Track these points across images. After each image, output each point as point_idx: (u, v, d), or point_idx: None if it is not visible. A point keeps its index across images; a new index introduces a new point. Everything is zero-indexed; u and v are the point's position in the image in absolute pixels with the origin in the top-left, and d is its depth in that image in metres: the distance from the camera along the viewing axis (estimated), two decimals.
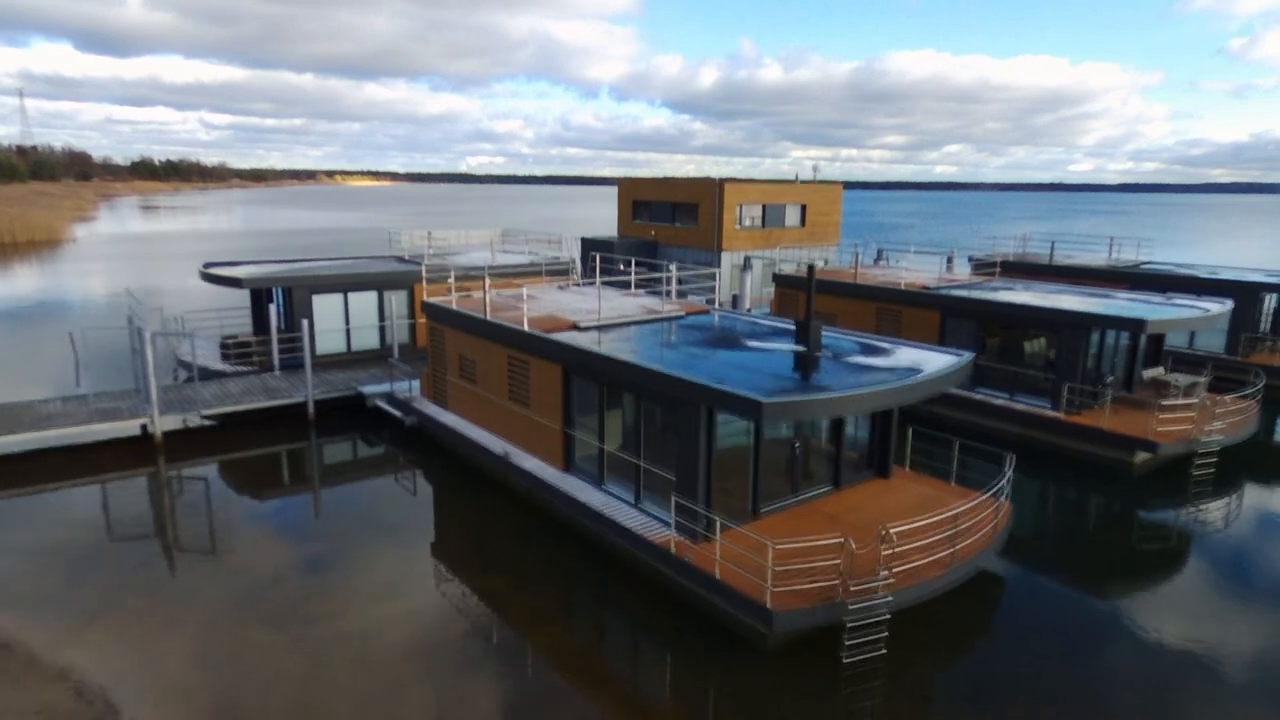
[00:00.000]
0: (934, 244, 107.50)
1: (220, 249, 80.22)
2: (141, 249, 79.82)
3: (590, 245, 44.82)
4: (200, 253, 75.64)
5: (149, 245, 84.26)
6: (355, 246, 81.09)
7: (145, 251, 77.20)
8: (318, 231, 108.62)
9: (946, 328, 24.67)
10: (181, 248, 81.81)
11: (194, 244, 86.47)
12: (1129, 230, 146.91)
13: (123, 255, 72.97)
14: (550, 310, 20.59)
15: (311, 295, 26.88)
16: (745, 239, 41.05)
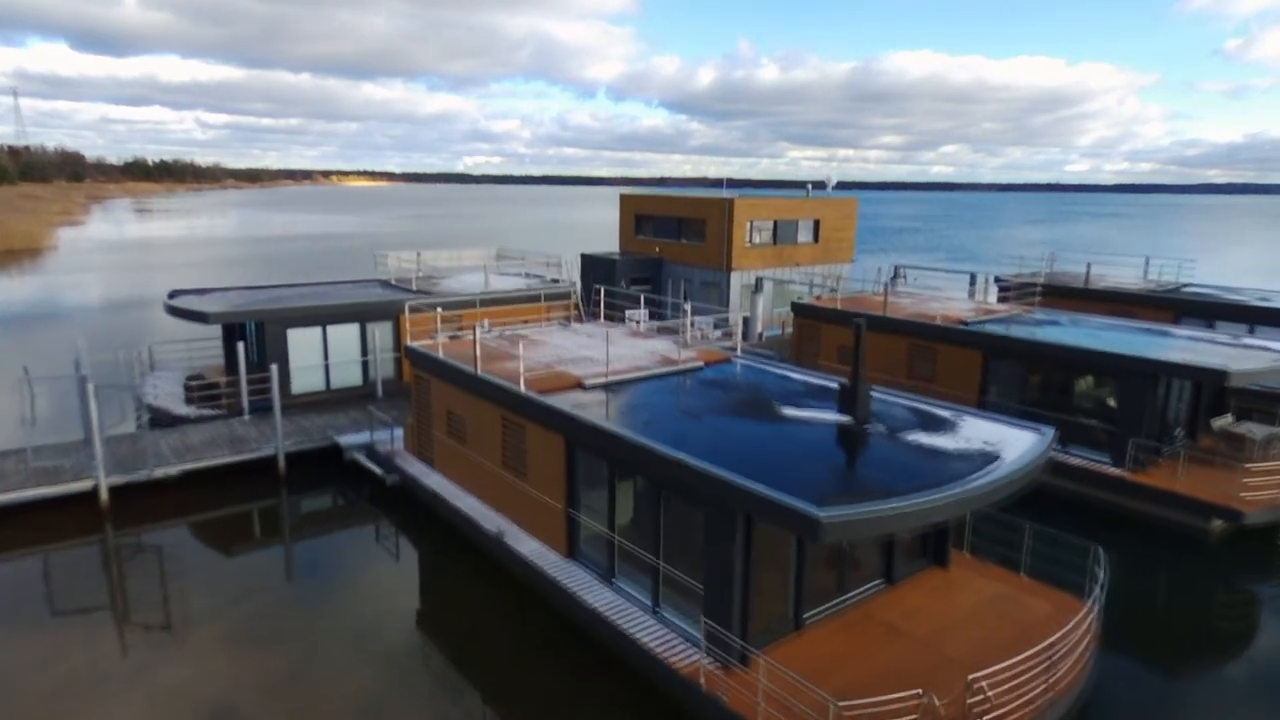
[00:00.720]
0: (943, 250, 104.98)
1: (207, 258, 77.58)
2: (124, 258, 77.11)
3: (591, 264, 42.33)
4: (187, 263, 73.09)
5: (133, 254, 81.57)
6: (346, 255, 78.49)
7: (127, 261, 74.53)
8: (310, 238, 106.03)
9: (989, 370, 22.23)
10: (167, 257, 79.14)
11: (181, 252, 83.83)
12: (1131, 235, 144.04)
13: (103, 266, 70.28)
14: (551, 359, 18.11)
15: (286, 330, 24.38)
16: (755, 257, 38.59)
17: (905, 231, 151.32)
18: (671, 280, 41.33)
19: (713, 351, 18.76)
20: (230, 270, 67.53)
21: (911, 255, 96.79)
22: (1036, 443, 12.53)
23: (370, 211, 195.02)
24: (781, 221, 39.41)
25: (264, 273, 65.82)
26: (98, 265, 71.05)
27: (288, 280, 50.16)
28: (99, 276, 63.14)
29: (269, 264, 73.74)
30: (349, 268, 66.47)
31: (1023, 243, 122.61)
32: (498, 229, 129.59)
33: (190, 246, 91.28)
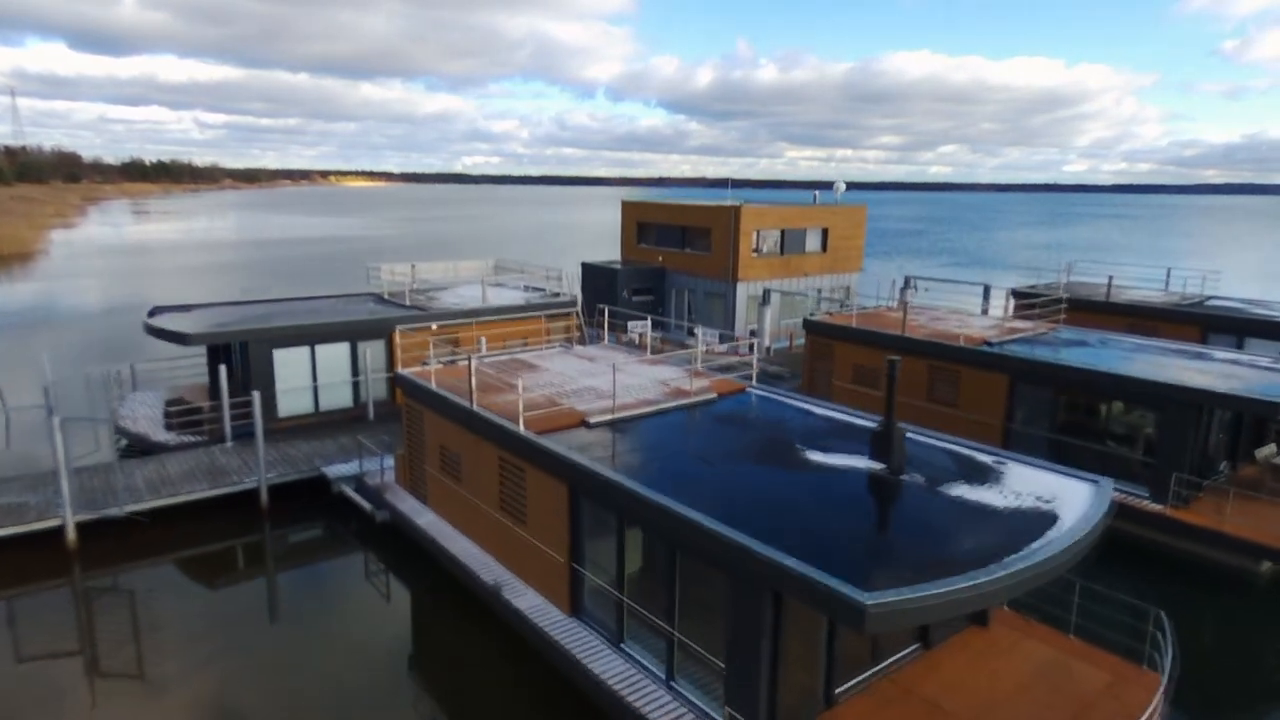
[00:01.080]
0: (947, 254, 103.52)
1: (201, 264, 76.23)
2: (116, 264, 75.73)
3: (592, 274, 41.03)
4: (179, 269, 71.73)
5: (125, 259, 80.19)
6: (343, 261, 76.98)
7: (118, 267, 73.15)
8: (307, 242, 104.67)
9: (1016, 394, 20.96)
10: (159, 262, 77.76)
11: (174, 257, 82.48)
12: (1134, 237, 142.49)
13: (93, 273, 68.89)
14: (553, 389, 16.82)
15: (272, 350, 23.08)
16: (762, 267, 37.30)
17: (908, 234, 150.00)
18: (675, 291, 40.05)
19: (726, 381, 17.47)
20: (223, 277, 66.20)
21: (915, 259, 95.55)
22: (1095, 498, 11.25)
23: (368, 213, 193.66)
24: (789, 230, 38.13)
25: (258, 279, 64.50)
26: (87, 271, 69.67)
27: (278, 293, 48.87)
28: (87, 284, 61.76)
29: (263, 270, 72.42)
30: (344, 274, 65.16)
31: (1026, 245, 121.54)
32: (496, 232, 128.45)
33: (184, 251, 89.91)
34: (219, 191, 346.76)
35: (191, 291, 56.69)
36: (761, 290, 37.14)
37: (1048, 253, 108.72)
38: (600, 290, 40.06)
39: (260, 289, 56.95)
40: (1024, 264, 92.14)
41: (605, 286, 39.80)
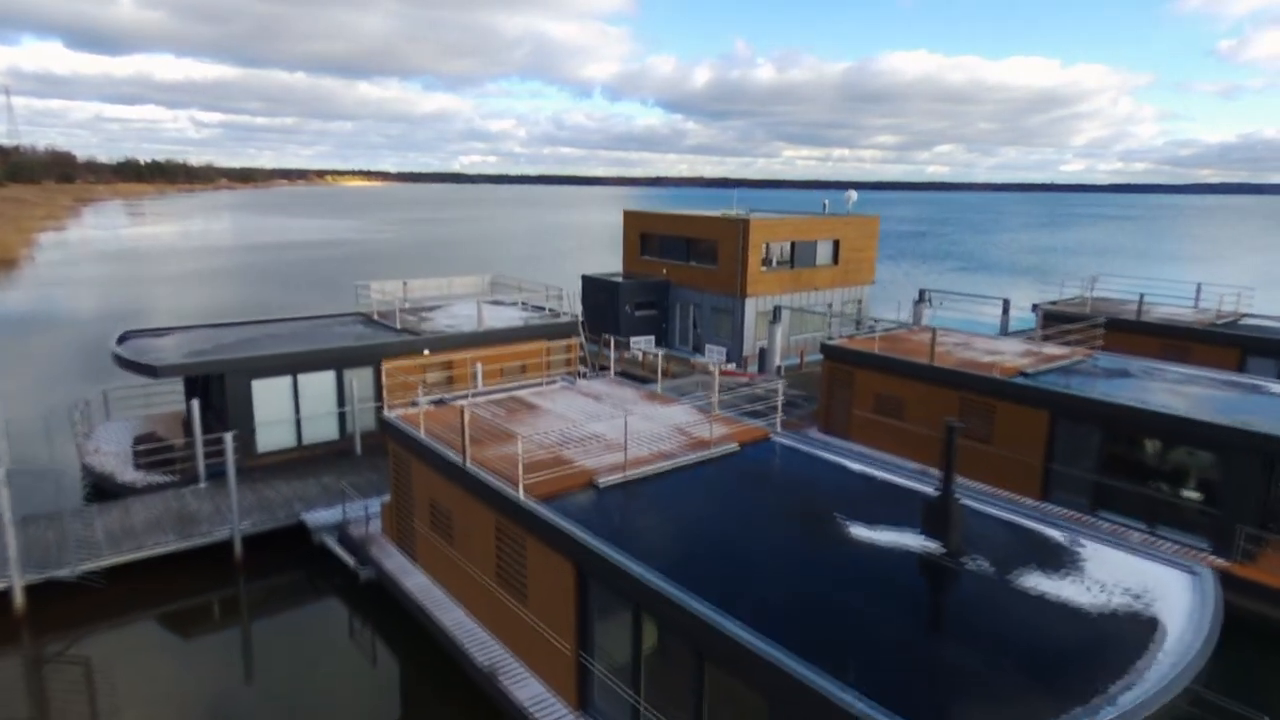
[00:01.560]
0: (953, 258, 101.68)
1: (189, 271, 74.39)
2: (103, 270, 73.87)
3: (593, 287, 39.31)
4: (166, 276, 69.84)
5: (113, 265, 78.32)
6: (338, 265, 75.05)
7: (105, 275, 71.28)
8: (303, 246, 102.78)
9: (1057, 432, 19.29)
10: (147, 269, 75.89)
11: (162, 264, 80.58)
12: (1139, 240, 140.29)
13: (78, 281, 67.00)
14: (556, 437, 15.10)
15: (250, 381, 21.34)
16: (772, 281, 35.61)
17: (910, 236, 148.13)
18: (679, 305, 38.36)
19: (748, 429, 15.74)
20: (211, 286, 64.41)
21: (921, 264, 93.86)
22: (1198, 595, 9.56)
23: (364, 215, 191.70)
24: (800, 243, 36.44)
25: (247, 288, 62.70)
26: (71, 279, 67.77)
27: (264, 307, 47.02)
28: (69, 293, 59.89)
29: (253, 278, 70.63)
30: (336, 282, 63.39)
31: (1031, 249, 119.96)
32: (494, 235, 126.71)
33: (174, 257, 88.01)
34: (214, 192, 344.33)
35: (177, 301, 54.95)
36: (771, 306, 35.48)
37: (1054, 257, 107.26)
38: (601, 305, 38.37)
39: (248, 299, 55.23)
40: (1032, 268, 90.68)
41: (607, 301, 38.10)
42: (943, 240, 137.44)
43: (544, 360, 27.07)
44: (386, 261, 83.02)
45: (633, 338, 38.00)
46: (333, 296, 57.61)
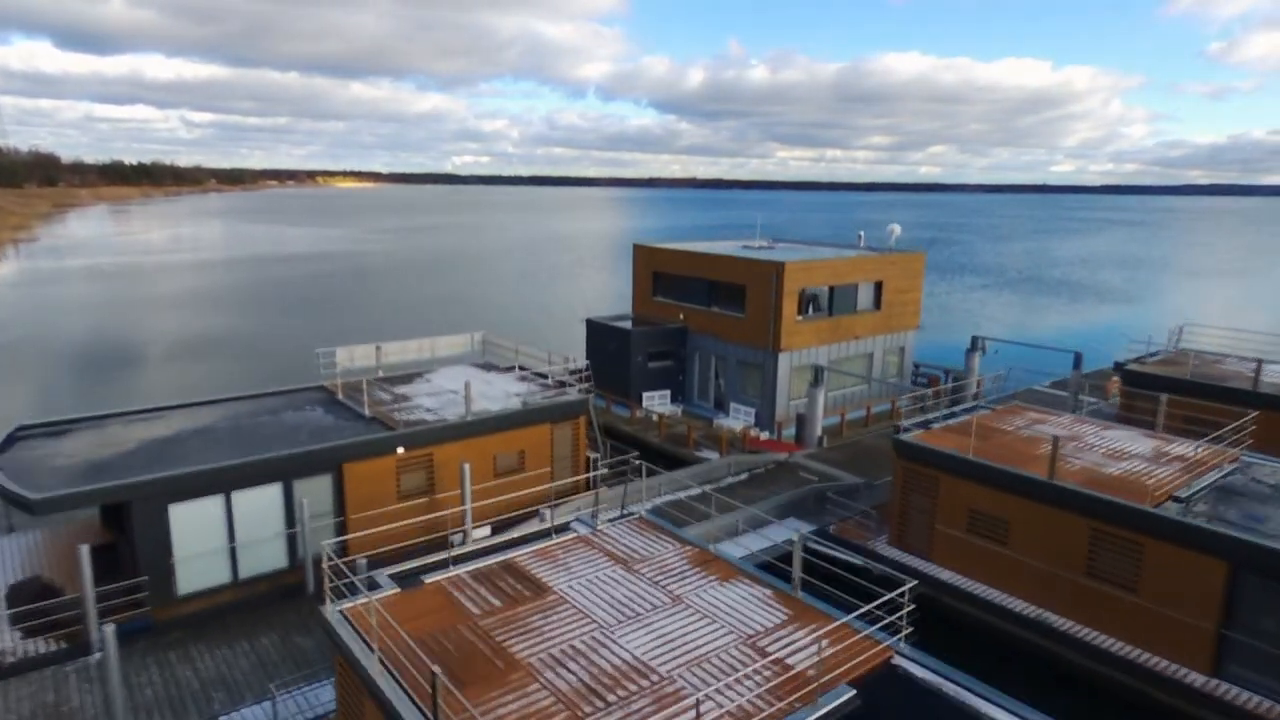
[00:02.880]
0: (974, 271, 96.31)
1: (154, 297, 68.99)
2: (57, 294, 68.48)
3: (599, 334, 34.38)
4: (127, 301, 64.28)
5: (71, 286, 72.91)
6: (319, 286, 69.53)
7: (57, 299, 65.92)
8: (285, 260, 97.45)
9: (1240, 589, 14.46)
10: (109, 292, 70.45)
11: (126, 286, 75.13)
12: (1159, 249, 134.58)
13: (22, 308, 61.59)
14: (577, 681, 10.14)
15: (168, 506, 16.37)
16: (808, 333, 30.75)
17: (918, 244, 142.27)
18: (699, 355, 33.46)
19: (859, 644, 10.79)
20: (177, 314, 59.23)
21: (941, 279, 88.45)
22: None
23: (353, 222, 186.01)
24: (839, 287, 31.59)
25: (219, 318, 57.55)
26: (15, 305, 62.34)
27: (218, 357, 41.86)
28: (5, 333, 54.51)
29: (230, 302, 65.45)
30: (318, 307, 58.47)
31: (1054, 260, 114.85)
32: (487, 248, 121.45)
33: (140, 277, 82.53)
34: (202, 195, 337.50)
35: (128, 336, 49.76)
36: (807, 361, 30.65)
37: (1078, 270, 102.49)
38: (609, 354, 33.46)
39: (217, 334, 50.17)
40: (1061, 284, 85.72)
41: (615, 351, 33.20)
42: (955, 249, 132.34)
43: (548, 448, 22.17)
44: (375, 280, 78.02)
45: (645, 393, 33.14)
46: (311, 321, 52.67)
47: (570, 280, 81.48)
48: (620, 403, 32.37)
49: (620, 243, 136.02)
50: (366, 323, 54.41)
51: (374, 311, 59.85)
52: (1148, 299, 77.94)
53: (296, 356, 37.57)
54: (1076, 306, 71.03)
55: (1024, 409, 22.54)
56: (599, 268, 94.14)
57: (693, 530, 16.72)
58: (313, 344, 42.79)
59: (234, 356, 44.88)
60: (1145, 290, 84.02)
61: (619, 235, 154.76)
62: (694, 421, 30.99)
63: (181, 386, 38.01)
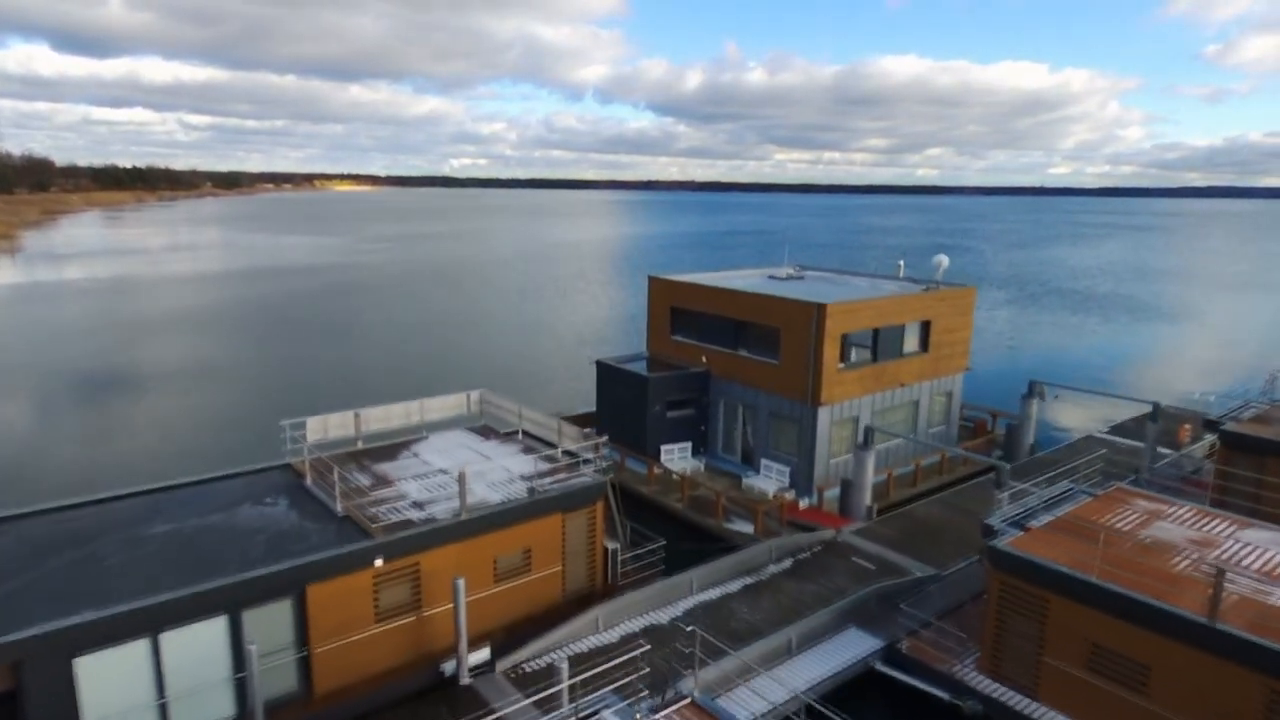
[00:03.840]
0: (997, 282, 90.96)
1: (125, 321, 64.97)
2: (23, 317, 64.56)
3: (611, 378, 30.69)
4: (89, 331, 60.10)
5: (36, 307, 69.00)
6: (311, 304, 64.98)
7: (20, 324, 62.00)
8: (274, 274, 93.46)
9: None
10: (75, 317, 66.47)
11: (97, 309, 71.12)
12: (1181, 257, 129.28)
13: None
14: None
15: (71, 660, 12.65)
16: (851, 382, 27.07)
17: (932, 250, 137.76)
18: (724, 403, 29.77)
19: None
20: (146, 344, 55.27)
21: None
22: None
23: (349, 229, 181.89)
24: (884, 330, 27.91)
25: (192, 349, 53.59)
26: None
27: (178, 398, 36.33)
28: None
29: (209, 327, 61.55)
30: (303, 331, 54.41)
31: (1078, 270, 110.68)
32: (484, 259, 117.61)
33: (116, 298, 78.40)
34: (197, 200, 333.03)
35: (84, 368, 45.60)
36: (848, 414, 27.01)
37: (1103, 280, 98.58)
38: (624, 403, 29.79)
39: (187, 368, 46.15)
40: (1086, 295, 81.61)
41: (631, 400, 29.51)
42: (967, 258, 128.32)
43: (559, 540, 18.45)
44: (363, 299, 74.17)
45: (664, 446, 29.46)
46: (286, 365, 48.76)
47: (574, 299, 77.72)
48: (636, 456, 28.69)
49: (621, 251, 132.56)
50: (349, 358, 50.45)
51: (358, 342, 55.80)
52: (1186, 318, 74.12)
53: (262, 413, 33.49)
54: (1113, 328, 67.26)
55: (1130, 495, 18.84)
56: (603, 282, 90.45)
57: (747, 654, 13.15)
58: (283, 393, 39.10)
59: (185, 412, 39.17)
60: (1179, 307, 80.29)
61: (620, 243, 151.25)
62: (720, 482, 27.31)
63: (113, 456, 32.55)
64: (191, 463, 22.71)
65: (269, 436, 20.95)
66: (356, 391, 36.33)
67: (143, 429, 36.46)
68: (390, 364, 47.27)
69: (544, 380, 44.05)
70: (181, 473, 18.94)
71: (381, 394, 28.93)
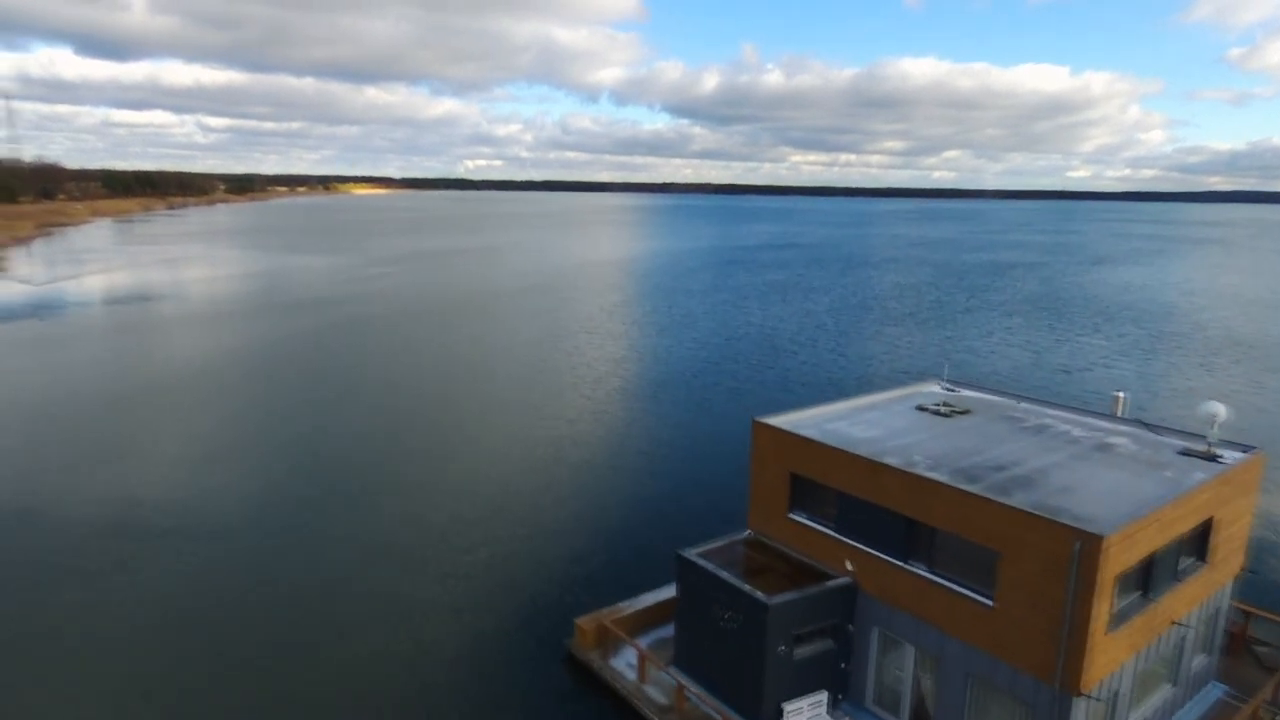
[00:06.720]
0: (1113, 314, 75.56)
1: (58, 403, 54.45)
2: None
3: (699, 584, 20.17)
4: (26, 432, 49.50)
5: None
6: (303, 363, 52.75)
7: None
8: (268, 311, 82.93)
9: None
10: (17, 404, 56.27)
11: (54, 385, 60.84)
12: (1239, 273, 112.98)
13: None
14: None
15: None
16: (1122, 644, 16.44)
17: (1000, 271, 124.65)
18: (880, 636, 19.24)
19: None
20: (94, 456, 44.84)
21: (1064, 333, 71.02)
22: None
23: (358, 244, 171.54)
24: (1161, 553, 17.18)
25: (134, 472, 43.02)
26: None
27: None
28: None
29: (165, 416, 51.11)
30: (281, 431, 42.93)
31: (1198, 302, 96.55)
32: (503, 286, 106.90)
33: (68, 356, 68.51)
34: (208, 207, 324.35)
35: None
36: (1108, 690, 16.38)
37: (1233, 314, 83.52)
38: (721, 630, 19.34)
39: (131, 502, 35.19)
40: (1245, 344, 66.84)
41: (737, 631, 19.01)
42: (1045, 278, 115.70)
43: None
44: (372, 339, 64.07)
45: (788, 705, 18.98)
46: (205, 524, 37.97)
47: (607, 345, 67.14)
48: (739, 708, 18.24)
49: (652, 268, 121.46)
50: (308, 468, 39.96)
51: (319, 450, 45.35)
52: None
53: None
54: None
55: None
56: (633, 320, 79.76)
57: None
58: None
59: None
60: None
61: (649, 260, 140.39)
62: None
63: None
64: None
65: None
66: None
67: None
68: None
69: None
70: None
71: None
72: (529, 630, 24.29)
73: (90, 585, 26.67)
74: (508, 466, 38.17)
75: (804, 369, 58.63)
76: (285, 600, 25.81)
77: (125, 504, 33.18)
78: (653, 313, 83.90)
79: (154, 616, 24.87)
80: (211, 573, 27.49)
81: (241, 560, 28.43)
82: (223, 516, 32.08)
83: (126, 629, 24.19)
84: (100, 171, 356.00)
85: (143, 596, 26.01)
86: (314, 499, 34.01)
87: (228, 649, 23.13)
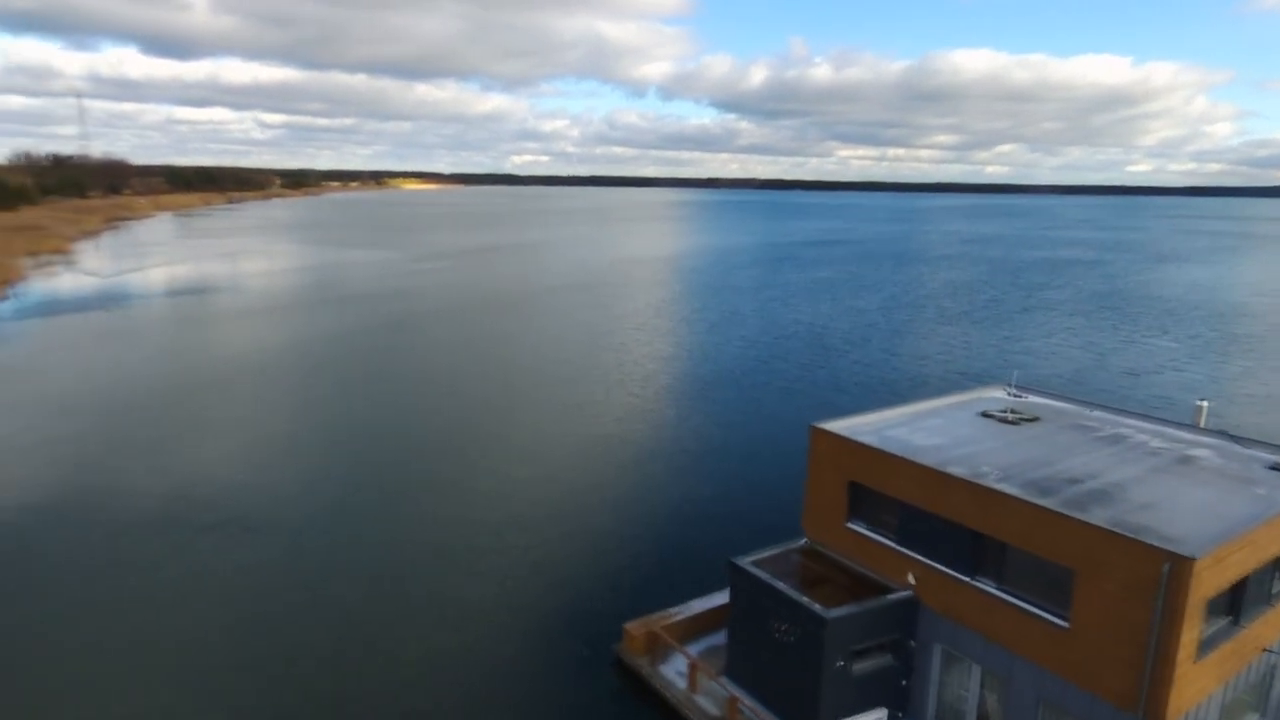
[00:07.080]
0: (1194, 315, 73.23)
1: (114, 412, 56.05)
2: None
3: (753, 596, 19.55)
4: (52, 440, 51.09)
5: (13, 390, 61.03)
6: (340, 373, 53.90)
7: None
8: (310, 306, 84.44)
9: None
10: (50, 397, 58.10)
11: (85, 375, 62.73)
12: None
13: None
14: None
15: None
16: (1210, 673, 15.44)
17: (1069, 269, 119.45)
18: (942, 653, 18.42)
19: None
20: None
21: (1140, 337, 68.30)
22: None
23: (405, 239, 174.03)
24: (1254, 576, 16.09)
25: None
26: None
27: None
28: None
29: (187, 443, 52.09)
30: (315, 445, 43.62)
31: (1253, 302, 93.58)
32: (550, 284, 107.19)
33: (119, 359, 70.31)
34: (264, 202, 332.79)
35: None
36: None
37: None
38: (775, 642, 18.70)
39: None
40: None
41: (793, 644, 18.37)
42: (1107, 274, 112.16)
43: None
44: (422, 335, 64.83)
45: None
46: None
47: (655, 343, 66.67)
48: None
49: (699, 265, 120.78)
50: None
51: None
52: None
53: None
54: None
55: None
56: (680, 317, 79.11)
57: None
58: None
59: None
60: None
61: (695, 256, 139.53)
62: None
63: None
64: None
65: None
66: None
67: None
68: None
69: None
70: None
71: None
72: (577, 634, 23.97)
73: (149, 574, 27.17)
74: (555, 466, 37.96)
75: (856, 369, 57.31)
76: (336, 596, 25.92)
77: (179, 495, 33.79)
78: (700, 310, 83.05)
79: (208, 608, 25.20)
80: (263, 567, 27.77)
81: (293, 554, 28.68)
82: (274, 509, 32.46)
83: (183, 620, 24.54)
84: (163, 167, 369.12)
85: (200, 587, 26.40)
86: (366, 496, 34.20)
87: (277, 642, 23.30)
